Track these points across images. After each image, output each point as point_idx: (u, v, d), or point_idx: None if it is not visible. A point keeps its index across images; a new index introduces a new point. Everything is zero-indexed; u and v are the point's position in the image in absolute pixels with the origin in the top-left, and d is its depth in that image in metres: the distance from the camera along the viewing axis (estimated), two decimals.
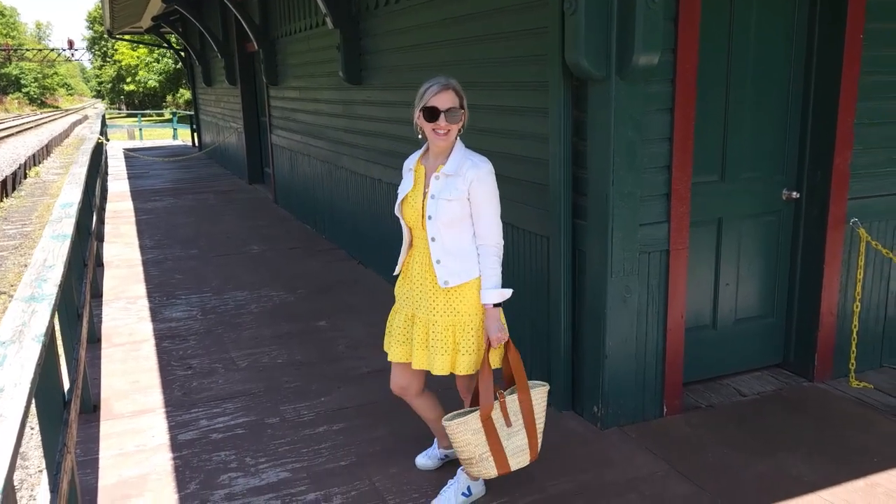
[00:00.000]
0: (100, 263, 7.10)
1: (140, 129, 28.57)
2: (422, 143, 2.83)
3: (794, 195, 3.92)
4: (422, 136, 2.74)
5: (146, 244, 8.06)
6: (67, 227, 3.77)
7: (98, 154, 9.58)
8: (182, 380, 4.32)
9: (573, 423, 3.62)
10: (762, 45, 3.67)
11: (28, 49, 77.68)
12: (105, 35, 34.84)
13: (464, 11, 4.32)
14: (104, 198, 10.64)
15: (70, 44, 65.31)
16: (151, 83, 50.76)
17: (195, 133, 19.76)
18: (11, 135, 30.59)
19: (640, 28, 3.02)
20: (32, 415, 3.82)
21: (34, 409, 2.48)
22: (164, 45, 19.31)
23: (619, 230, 3.32)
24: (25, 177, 17.35)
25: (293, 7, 8.16)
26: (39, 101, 77.26)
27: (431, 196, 2.70)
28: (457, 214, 2.67)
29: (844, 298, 4.02)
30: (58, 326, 3.40)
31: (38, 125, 40.05)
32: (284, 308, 5.66)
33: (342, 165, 7.16)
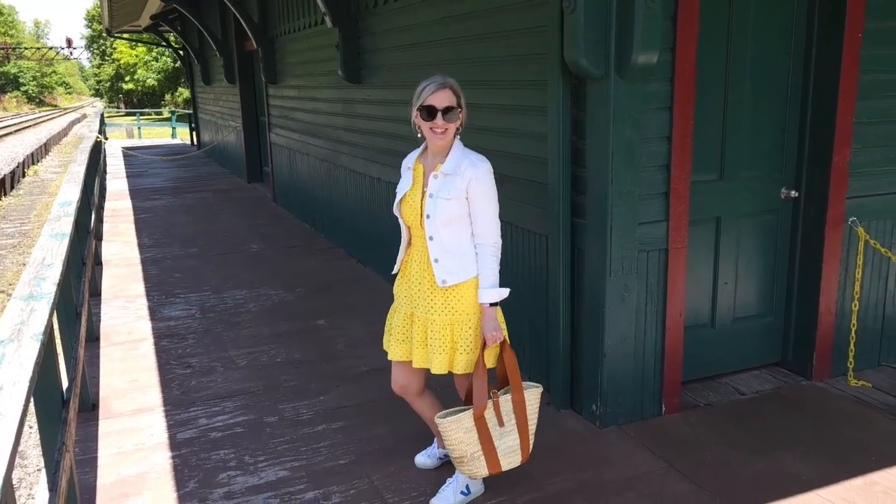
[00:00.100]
0: (98, 262, 7.10)
1: (139, 128, 28.54)
2: (421, 142, 2.83)
3: (793, 194, 3.92)
4: (420, 135, 2.74)
5: (145, 243, 8.06)
6: (66, 226, 3.77)
7: (97, 153, 9.57)
8: (181, 378, 4.32)
9: (572, 422, 3.63)
10: (761, 44, 3.67)
11: (26, 47, 77.62)
12: (103, 34, 34.82)
13: (463, 10, 4.32)
14: (103, 196, 10.63)
15: (68, 42, 65.25)
16: (150, 82, 50.73)
17: (194, 132, 19.75)
18: (10, 133, 30.57)
19: (639, 27, 3.03)
20: (31, 413, 3.82)
21: (33, 408, 2.47)
22: (163, 44, 19.30)
23: (618, 229, 3.32)
24: (24, 175, 17.34)
25: (292, 6, 8.15)
26: (38, 100, 77.19)
27: (430, 195, 2.70)
28: (455, 213, 2.67)
29: (843, 297, 4.02)
30: (56, 325, 3.41)
31: (37, 124, 40.03)
32: (283, 307, 5.66)
33: (341, 164, 7.15)
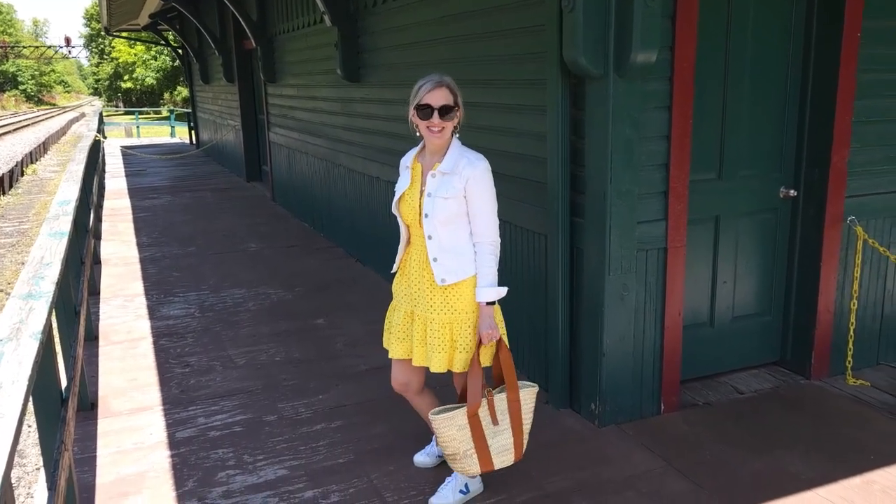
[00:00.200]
0: (97, 261, 7.09)
1: (137, 127, 28.50)
2: (419, 141, 2.83)
3: (792, 193, 3.92)
4: (418, 134, 2.74)
5: (144, 242, 8.05)
6: (65, 225, 3.77)
7: (95, 151, 9.56)
8: (180, 377, 4.32)
9: (571, 421, 3.63)
10: (760, 44, 3.68)
11: (25, 46, 77.52)
12: (102, 32, 34.78)
13: (462, 9, 4.32)
14: (101, 195, 10.63)
15: (67, 41, 65.25)
16: (149, 80, 50.67)
17: (193, 131, 19.75)
18: (8, 132, 30.55)
19: (638, 26, 3.03)
20: (30, 412, 3.82)
21: (32, 407, 2.47)
22: (162, 43, 19.28)
23: (617, 228, 3.32)
24: (22, 174, 17.33)
25: (291, 4, 8.14)
26: (36, 99, 77.12)
27: (428, 194, 2.70)
28: (453, 212, 2.67)
29: (841, 296, 4.03)
30: (55, 324, 3.41)
31: (35, 122, 40.00)
32: (282, 306, 5.66)
33: (340, 163, 7.15)
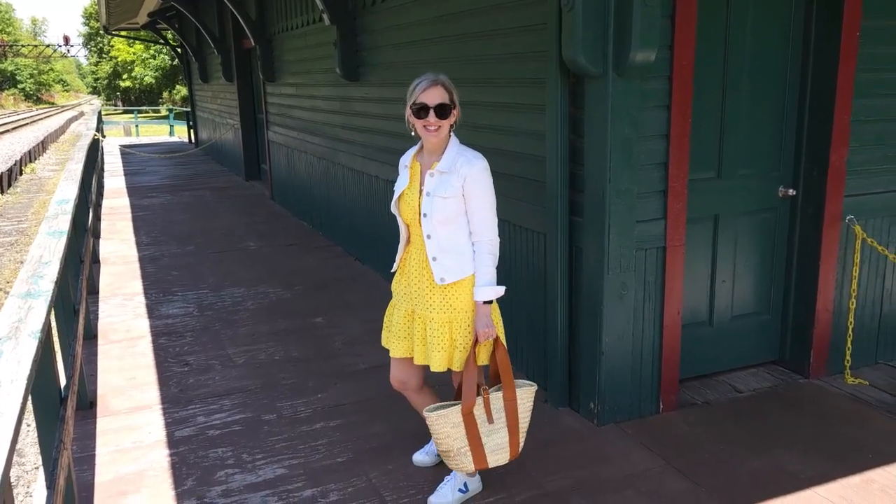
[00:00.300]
0: (96, 260, 7.09)
1: (136, 126, 28.49)
2: (418, 140, 2.82)
3: (791, 192, 3.92)
4: (415, 133, 2.74)
5: (142, 241, 8.05)
6: (64, 224, 3.76)
7: (94, 150, 9.56)
8: (179, 376, 4.32)
9: (569, 420, 3.63)
10: (759, 43, 3.68)
11: (24, 45, 77.40)
12: (101, 31, 34.79)
13: (461, 8, 4.32)
14: (100, 194, 10.61)
15: (66, 40, 65.16)
16: (148, 79, 50.62)
17: (191, 130, 19.74)
18: (7, 131, 30.51)
19: (637, 25, 3.02)
20: (29, 411, 3.82)
21: (30, 406, 2.47)
22: (161, 42, 19.28)
23: (616, 227, 3.33)
24: (21, 173, 17.31)
25: (290, 3, 8.14)
26: (35, 98, 77.04)
27: (427, 193, 2.70)
28: (452, 211, 2.67)
29: (840, 295, 4.03)
30: (54, 323, 3.40)
31: (34, 121, 39.96)
32: (281, 305, 5.66)
33: (339, 162, 7.15)
